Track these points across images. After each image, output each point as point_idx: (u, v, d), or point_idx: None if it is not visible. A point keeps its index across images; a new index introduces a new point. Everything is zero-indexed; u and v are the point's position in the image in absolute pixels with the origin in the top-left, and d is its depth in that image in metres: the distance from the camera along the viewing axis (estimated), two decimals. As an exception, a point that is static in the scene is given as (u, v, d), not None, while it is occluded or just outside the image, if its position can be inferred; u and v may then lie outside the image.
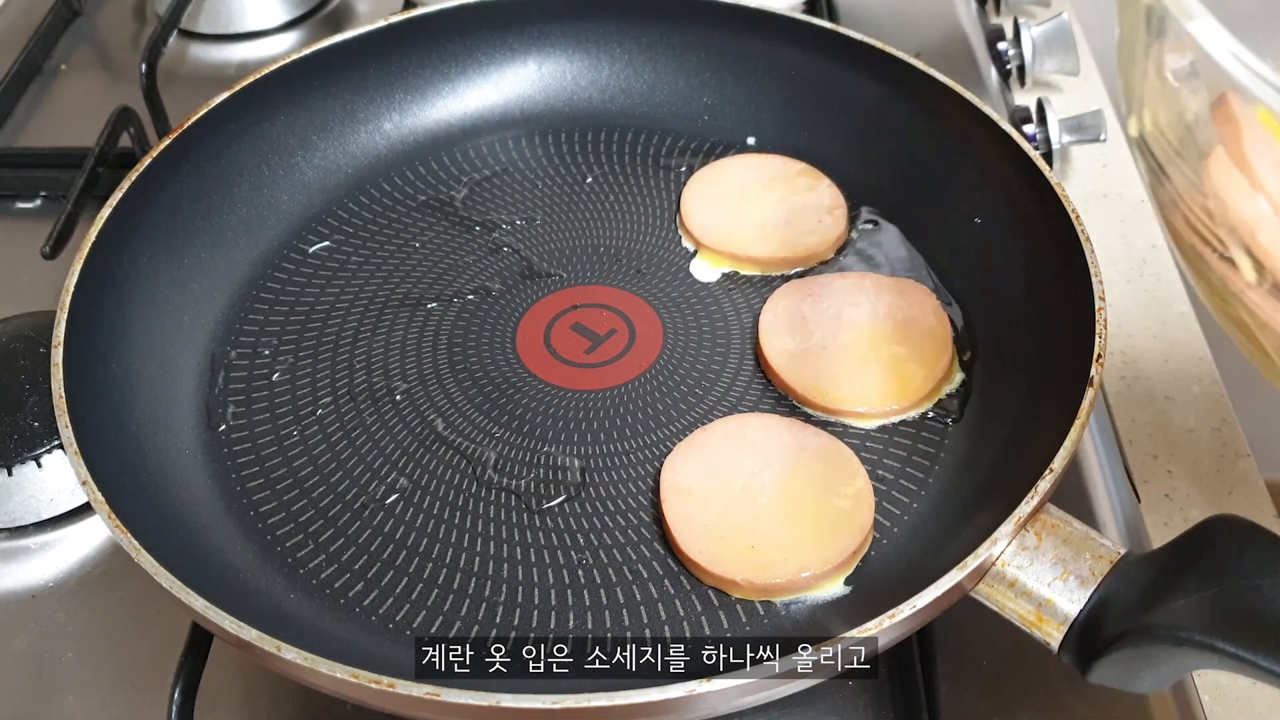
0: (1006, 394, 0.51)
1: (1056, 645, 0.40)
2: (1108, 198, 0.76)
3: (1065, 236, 0.51)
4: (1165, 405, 0.65)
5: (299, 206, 0.62)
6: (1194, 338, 0.68)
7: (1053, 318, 0.51)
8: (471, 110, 0.67)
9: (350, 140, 0.65)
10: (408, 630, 0.46)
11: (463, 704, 0.37)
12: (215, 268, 0.58)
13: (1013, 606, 0.41)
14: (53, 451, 0.55)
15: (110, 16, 0.89)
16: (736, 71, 0.66)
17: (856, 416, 0.52)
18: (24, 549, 0.56)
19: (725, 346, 0.56)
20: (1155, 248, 0.73)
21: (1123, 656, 0.38)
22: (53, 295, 0.50)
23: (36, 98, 0.81)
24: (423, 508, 0.50)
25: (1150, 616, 0.37)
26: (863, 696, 0.48)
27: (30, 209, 0.73)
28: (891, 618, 0.38)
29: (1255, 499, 0.61)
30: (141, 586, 0.40)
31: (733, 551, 0.46)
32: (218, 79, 0.81)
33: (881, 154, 0.62)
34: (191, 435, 0.52)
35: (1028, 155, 0.54)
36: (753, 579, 0.46)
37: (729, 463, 0.49)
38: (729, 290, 0.58)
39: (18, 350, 0.57)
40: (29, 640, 0.52)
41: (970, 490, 0.48)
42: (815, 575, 0.46)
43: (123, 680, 0.51)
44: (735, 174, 0.63)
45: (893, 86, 0.61)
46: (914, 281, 0.57)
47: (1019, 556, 0.41)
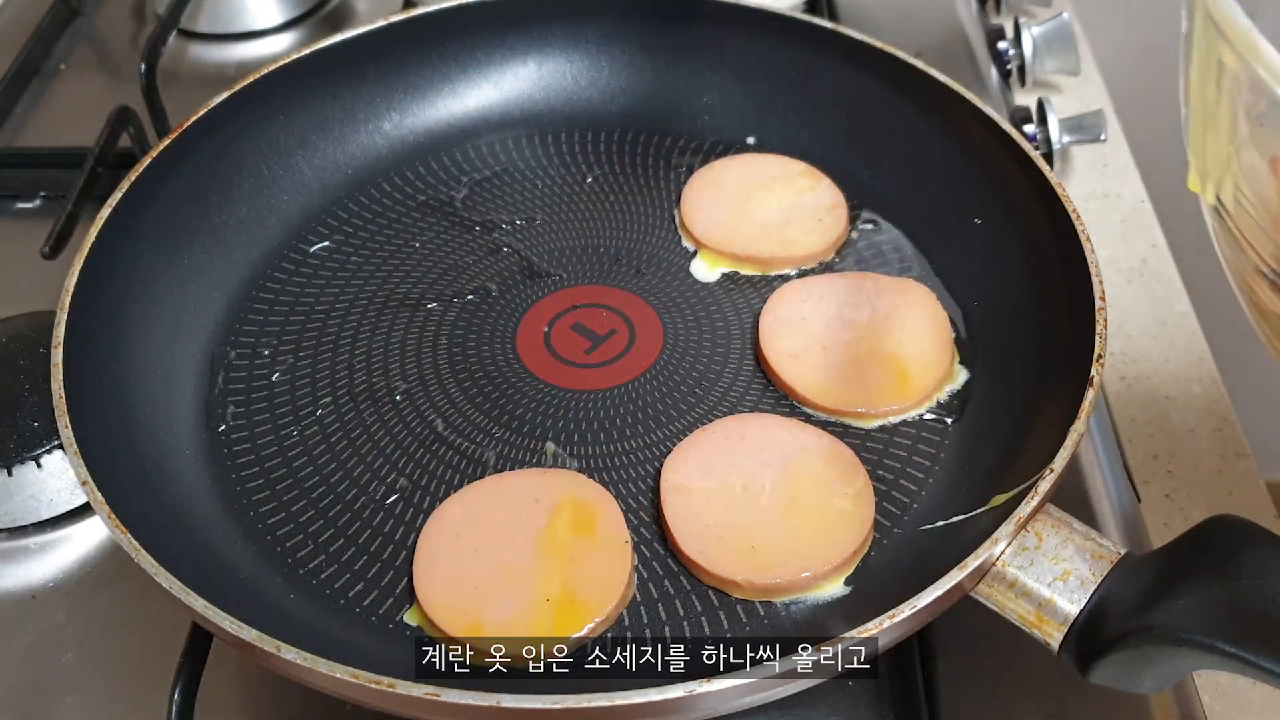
0: (1007, 394, 0.51)
1: (1057, 646, 0.40)
2: (1108, 198, 0.76)
3: (1066, 237, 0.51)
4: (1165, 405, 0.65)
5: (299, 206, 0.62)
6: (1194, 338, 0.68)
7: (1053, 318, 0.51)
8: (472, 110, 0.67)
9: (350, 140, 0.65)
10: (407, 630, 0.46)
11: (463, 704, 0.37)
12: (215, 268, 0.57)
13: (1013, 607, 0.41)
14: (52, 452, 0.55)
15: (110, 16, 0.88)
16: (737, 71, 0.66)
17: (856, 416, 0.52)
18: (24, 549, 0.56)
19: (725, 346, 0.56)
20: (1155, 248, 0.73)
21: (1123, 657, 0.38)
22: (52, 295, 0.50)
23: (36, 98, 0.81)
24: (423, 508, 0.50)
25: (1151, 617, 0.37)
26: (863, 696, 0.48)
27: (30, 209, 0.73)
28: (891, 618, 0.38)
29: (1255, 499, 0.61)
30: (141, 587, 0.40)
31: (733, 552, 0.46)
32: (217, 79, 0.81)
33: (882, 154, 0.62)
34: (191, 435, 0.52)
35: (1029, 155, 0.54)
36: (753, 579, 0.46)
37: (729, 463, 0.49)
38: (729, 290, 0.58)
39: (17, 350, 0.57)
40: (29, 640, 0.52)
41: (970, 490, 0.48)
42: (815, 575, 0.46)
43: (123, 680, 0.51)
44: (735, 174, 0.63)
45: (893, 86, 0.61)
46: (914, 281, 0.57)
47: (1019, 557, 0.41)
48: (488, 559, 0.46)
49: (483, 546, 0.47)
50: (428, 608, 0.45)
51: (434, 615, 0.45)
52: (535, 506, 0.48)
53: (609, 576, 0.46)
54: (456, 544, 0.47)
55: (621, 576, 0.46)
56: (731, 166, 0.63)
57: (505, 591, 0.45)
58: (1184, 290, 0.71)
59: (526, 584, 0.45)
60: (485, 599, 0.45)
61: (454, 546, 0.47)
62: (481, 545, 0.47)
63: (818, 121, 0.64)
